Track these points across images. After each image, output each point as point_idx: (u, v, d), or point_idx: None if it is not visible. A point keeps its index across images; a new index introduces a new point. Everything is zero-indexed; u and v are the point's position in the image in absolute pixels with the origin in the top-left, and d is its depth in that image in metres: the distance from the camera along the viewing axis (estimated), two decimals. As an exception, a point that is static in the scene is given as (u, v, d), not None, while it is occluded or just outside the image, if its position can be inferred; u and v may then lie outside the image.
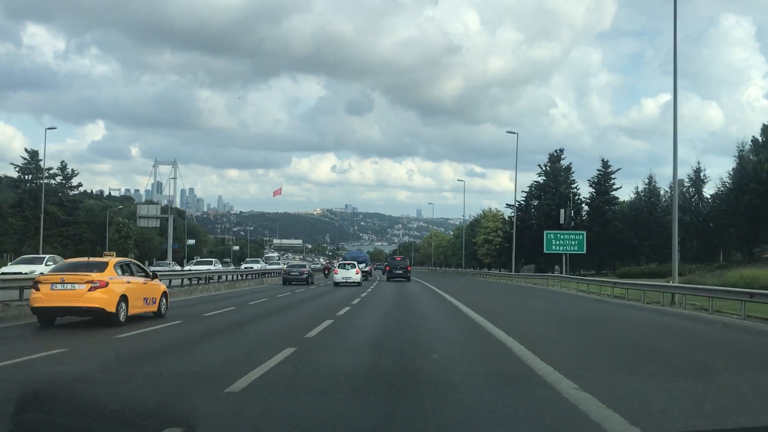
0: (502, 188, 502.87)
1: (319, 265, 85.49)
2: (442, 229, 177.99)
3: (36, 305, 12.34)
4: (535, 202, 75.91)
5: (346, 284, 36.05)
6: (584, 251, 49.89)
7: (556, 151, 75.50)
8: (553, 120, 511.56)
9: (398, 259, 53.14)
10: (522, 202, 74.93)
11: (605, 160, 71.90)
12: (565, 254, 49.98)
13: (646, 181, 68.48)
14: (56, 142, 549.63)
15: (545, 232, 50.56)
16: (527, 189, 76.78)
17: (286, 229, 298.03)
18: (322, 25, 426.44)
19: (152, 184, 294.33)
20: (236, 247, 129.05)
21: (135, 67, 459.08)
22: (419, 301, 23.18)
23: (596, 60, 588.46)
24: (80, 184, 76.38)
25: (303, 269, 40.32)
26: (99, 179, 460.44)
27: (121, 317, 12.64)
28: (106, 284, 12.35)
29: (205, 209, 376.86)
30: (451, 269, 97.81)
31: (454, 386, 6.72)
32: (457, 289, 31.17)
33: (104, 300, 12.21)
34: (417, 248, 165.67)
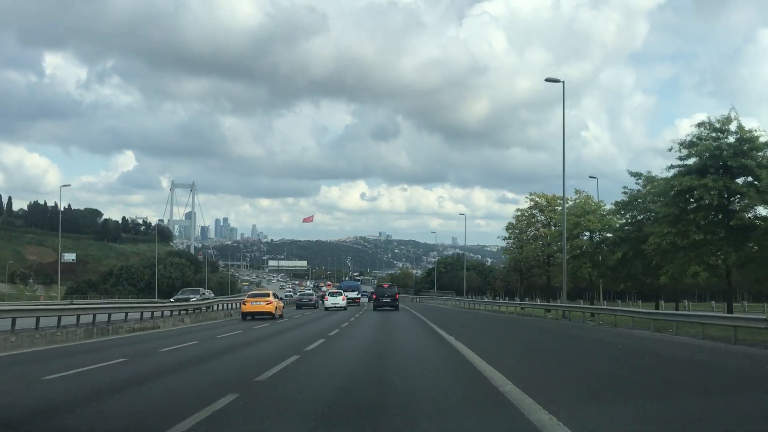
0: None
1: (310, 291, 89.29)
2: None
3: (245, 310, 33.97)
4: None
5: (335, 308, 48.57)
6: None
7: None
8: (585, 142, 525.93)
9: (385, 286, 55.48)
10: None
11: None
12: None
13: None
14: (89, 174, 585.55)
15: None
16: None
17: (316, 257, 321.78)
18: (342, 47, 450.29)
19: (185, 214, 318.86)
20: None
21: (156, 95, 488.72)
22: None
23: (629, 81, 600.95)
24: None
25: (312, 297, 60.77)
26: (134, 210, 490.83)
27: (276, 316, 34.25)
28: (272, 302, 34.09)
29: (238, 238, 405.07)
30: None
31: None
32: None
33: (272, 308, 33.86)
34: (476, 264, 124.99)
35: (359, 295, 70.23)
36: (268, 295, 35.56)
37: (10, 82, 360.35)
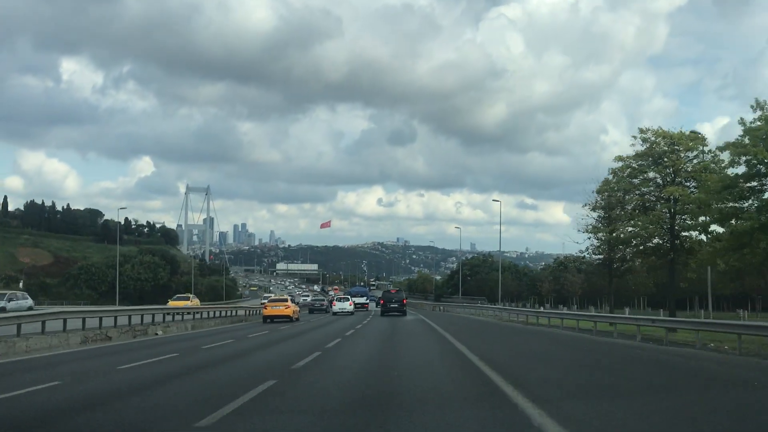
0: (556, 221, 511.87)
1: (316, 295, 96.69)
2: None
3: (265, 314, 36.49)
4: None
5: (342, 313, 50.76)
6: None
7: None
8: (604, 147, 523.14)
9: (393, 291, 56.62)
10: None
11: None
12: None
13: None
14: (108, 180, 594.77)
15: None
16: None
17: (333, 263, 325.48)
18: (357, 51, 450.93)
19: (203, 219, 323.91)
20: None
21: (172, 100, 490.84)
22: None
23: (649, 84, 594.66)
24: None
25: (323, 302, 65.48)
26: (153, 216, 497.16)
27: (294, 319, 36.77)
28: (290, 306, 36.71)
29: (256, 243, 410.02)
30: None
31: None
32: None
33: (290, 312, 36.38)
34: (509, 265, 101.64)
35: (368, 301, 72.69)
36: (286, 300, 38.73)
37: (27, 87, 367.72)
